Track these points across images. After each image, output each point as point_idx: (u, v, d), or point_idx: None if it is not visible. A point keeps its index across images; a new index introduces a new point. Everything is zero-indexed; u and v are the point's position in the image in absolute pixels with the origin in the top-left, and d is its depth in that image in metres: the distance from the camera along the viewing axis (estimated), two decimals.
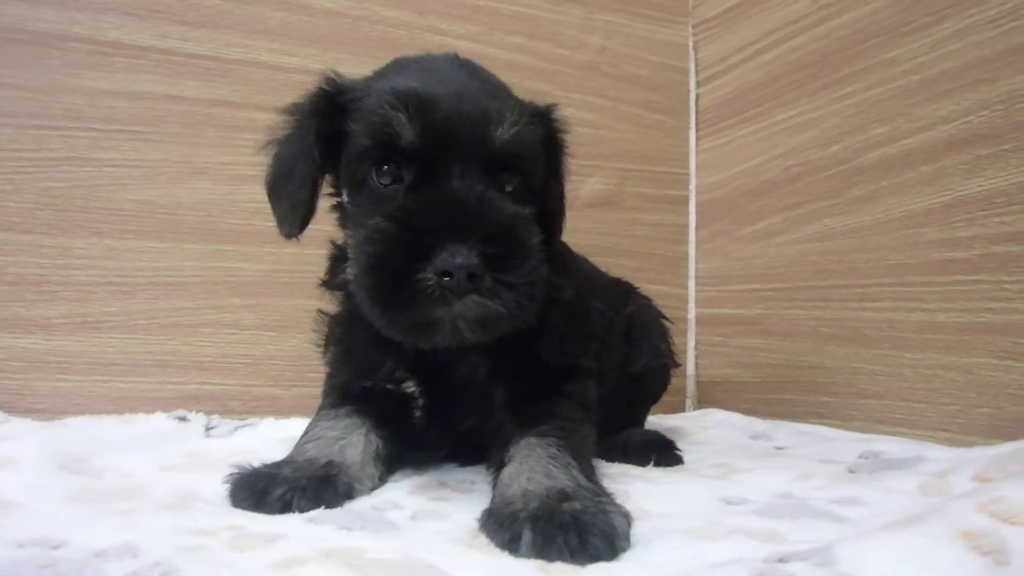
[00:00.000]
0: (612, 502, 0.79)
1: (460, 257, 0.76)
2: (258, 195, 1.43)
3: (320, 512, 0.84)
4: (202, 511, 0.84)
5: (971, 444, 1.08)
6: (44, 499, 0.83)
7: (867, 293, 1.32)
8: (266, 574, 0.63)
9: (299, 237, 0.98)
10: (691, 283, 1.91)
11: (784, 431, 1.44)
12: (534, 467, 0.85)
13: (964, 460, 0.98)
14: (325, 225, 1.42)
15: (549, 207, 1.01)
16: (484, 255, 0.78)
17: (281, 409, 1.44)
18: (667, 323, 1.37)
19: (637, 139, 1.86)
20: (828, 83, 1.43)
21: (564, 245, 1.15)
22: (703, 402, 1.82)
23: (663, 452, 1.21)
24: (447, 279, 0.77)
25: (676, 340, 1.76)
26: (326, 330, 1.13)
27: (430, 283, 0.78)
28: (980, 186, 1.11)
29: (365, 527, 0.79)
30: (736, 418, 1.59)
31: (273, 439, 1.22)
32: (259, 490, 0.86)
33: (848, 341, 1.37)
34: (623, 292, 1.35)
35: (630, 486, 0.98)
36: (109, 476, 0.98)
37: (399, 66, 0.97)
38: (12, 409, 1.27)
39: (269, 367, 1.45)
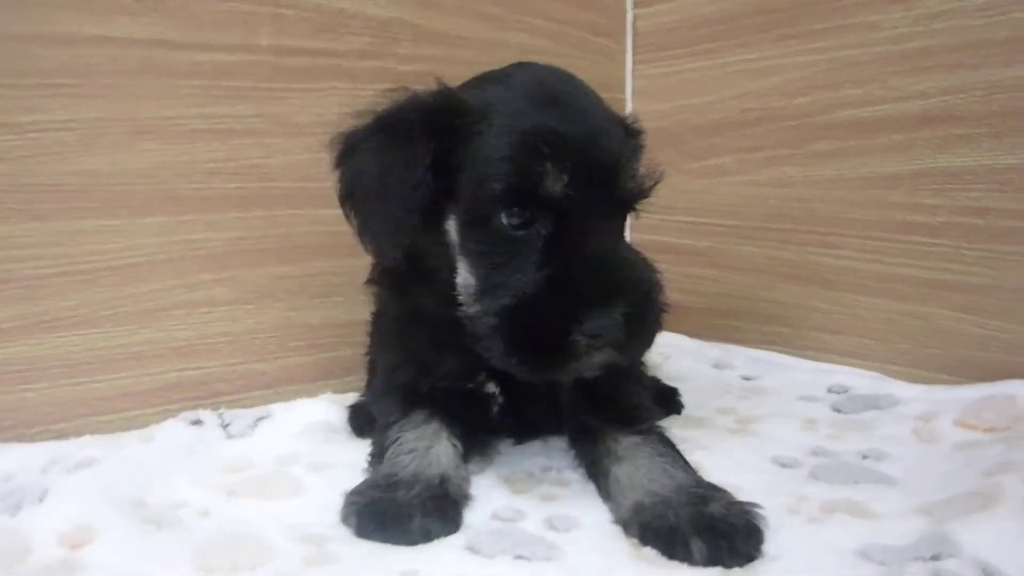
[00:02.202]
0: (737, 500, 0.94)
1: (609, 322, 0.88)
2: (215, 153, 1.39)
3: (468, 537, 0.92)
4: (351, 556, 0.88)
5: (923, 380, 1.37)
6: (179, 572, 0.84)
7: (827, 240, 1.55)
8: None
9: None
10: None
11: (740, 357, 1.67)
12: (652, 468, 0.99)
13: (935, 402, 1.26)
14: (289, 183, 1.40)
15: None
16: (627, 316, 0.89)
17: (268, 384, 1.45)
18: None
19: (583, 65, 1.88)
20: (796, 34, 1.57)
21: None
22: None
23: (670, 401, 1.40)
24: (592, 340, 0.89)
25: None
26: (377, 330, 1.17)
27: (578, 343, 0.88)
28: (950, 162, 1.33)
29: (534, 554, 0.87)
30: (684, 341, 1.79)
31: (300, 430, 1.26)
32: (392, 520, 0.92)
33: (805, 281, 1.60)
34: None
35: (692, 455, 1.08)
36: (187, 517, 0.97)
37: (511, 82, 0.99)
38: None
39: (251, 342, 1.43)
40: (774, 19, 1.61)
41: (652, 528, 0.91)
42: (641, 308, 0.91)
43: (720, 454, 1.17)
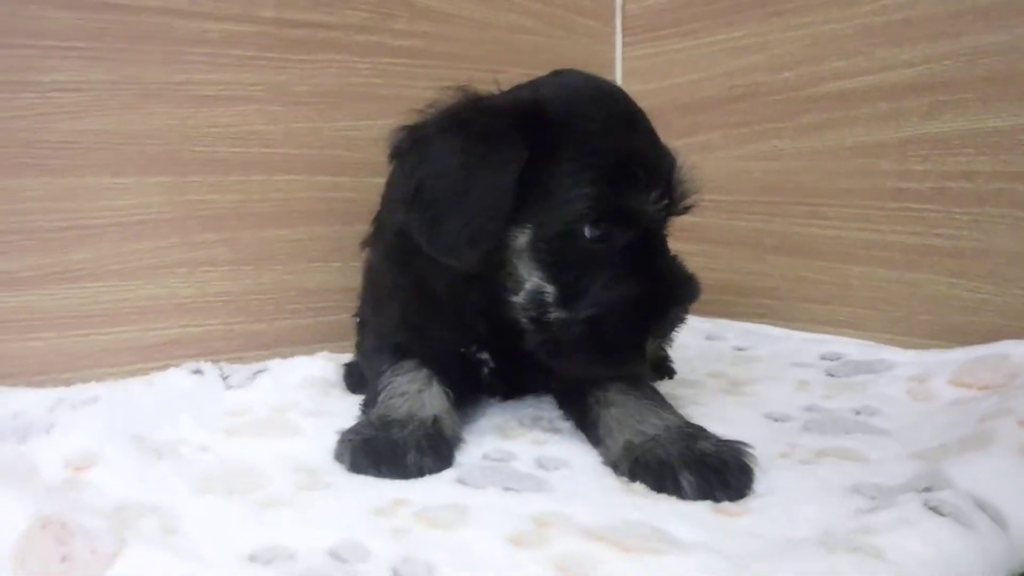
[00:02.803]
0: (727, 438, 0.90)
1: (674, 323, 0.97)
2: (219, 118, 1.36)
3: (460, 472, 0.89)
4: (343, 486, 0.85)
5: (916, 346, 1.30)
6: (179, 495, 0.81)
7: (815, 211, 1.51)
8: (524, 555, 0.68)
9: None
10: None
11: (732, 330, 1.63)
12: (641, 409, 0.95)
13: (928, 364, 1.20)
14: (289, 149, 1.38)
15: None
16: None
17: (266, 344, 1.41)
18: None
19: (569, 46, 1.89)
20: (781, 11, 1.53)
21: None
22: None
23: (661, 366, 1.35)
24: (656, 340, 0.95)
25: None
26: (372, 294, 1.13)
27: (648, 344, 0.94)
28: (938, 128, 1.29)
29: (523, 486, 0.85)
30: None
31: (298, 383, 1.22)
32: (387, 456, 0.89)
33: (793, 252, 1.56)
34: None
35: (686, 409, 1.08)
36: (187, 452, 0.95)
37: (578, 94, 0.98)
38: None
39: (249, 302, 1.39)
40: None
41: (642, 463, 0.87)
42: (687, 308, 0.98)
43: (712, 409, 1.13)
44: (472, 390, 1.11)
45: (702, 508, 0.79)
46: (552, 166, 0.91)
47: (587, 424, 1.00)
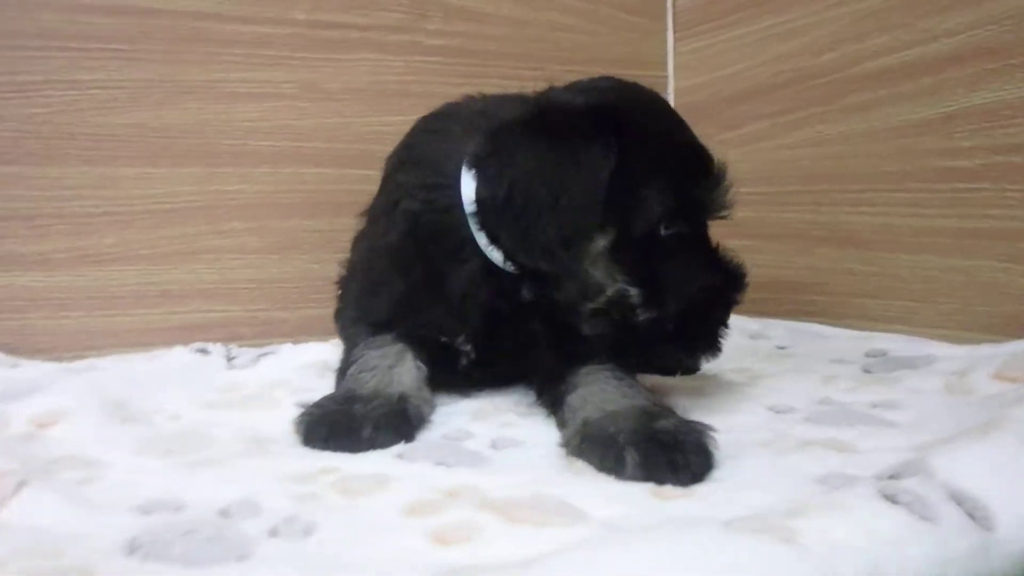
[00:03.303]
0: (691, 420, 0.80)
1: (728, 314, 0.98)
2: (251, 113, 1.37)
3: (404, 448, 0.82)
4: (284, 455, 0.81)
5: (971, 340, 1.13)
6: (120, 453, 0.79)
7: (862, 198, 1.35)
8: (409, 523, 0.61)
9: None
10: None
11: (778, 329, 1.48)
12: (605, 388, 0.86)
13: (976, 358, 1.03)
14: (318, 143, 1.37)
15: None
16: None
17: (288, 332, 1.40)
18: None
19: (615, 43, 1.80)
20: None
21: None
22: None
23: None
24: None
25: None
26: (363, 268, 1.09)
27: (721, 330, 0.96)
28: (984, 99, 1.12)
29: (460, 461, 0.78)
30: None
31: (299, 365, 1.19)
32: (343, 429, 0.83)
33: (841, 243, 1.40)
34: None
35: (675, 399, 1.00)
36: (159, 420, 0.94)
37: (635, 97, 0.96)
38: (16, 350, 1.19)
39: (274, 290, 1.39)
40: None
41: (589, 437, 0.78)
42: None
43: (711, 398, 1.01)
44: (447, 375, 1.03)
45: (638, 489, 0.69)
46: (626, 169, 0.86)
47: (556, 407, 0.91)
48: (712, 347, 0.95)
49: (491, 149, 0.88)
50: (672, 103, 1.88)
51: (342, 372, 0.98)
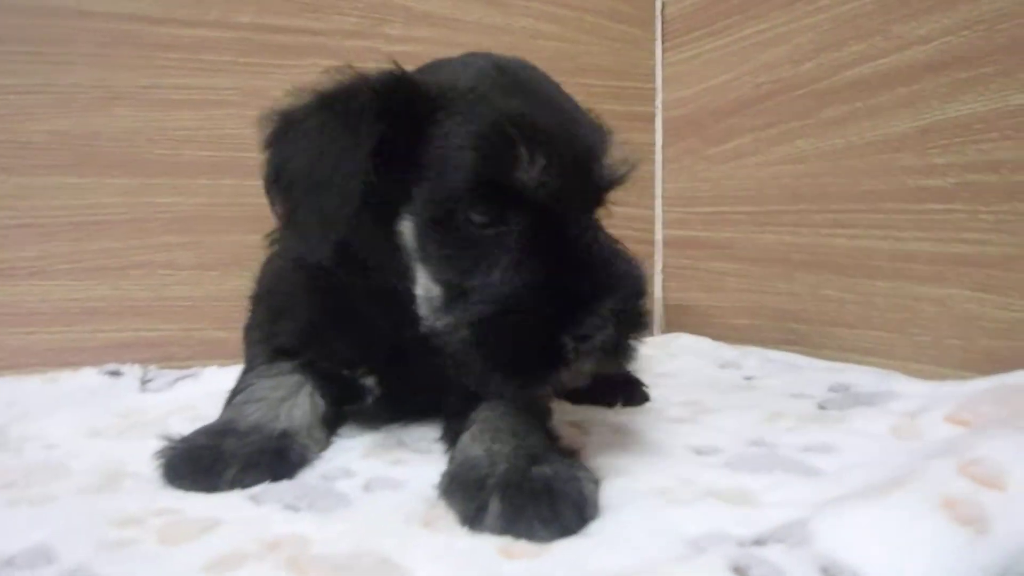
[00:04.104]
0: (581, 466, 0.74)
1: (599, 322, 0.71)
2: (187, 122, 1.34)
3: (264, 487, 0.77)
4: (131, 492, 0.77)
5: (943, 376, 1.06)
6: None
7: (839, 219, 1.27)
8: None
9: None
10: (658, 204, 1.84)
11: (753, 358, 1.41)
12: (499, 425, 0.80)
13: (935, 398, 0.96)
14: (251, 153, 1.32)
15: None
16: (618, 320, 0.72)
17: (227, 353, 1.35)
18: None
19: (601, 52, 1.75)
20: None
21: None
22: (671, 326, 1.78)
23: (629, 391, 1.17)
24: (583, 345, 0.71)
25: (644, 263, 1.70)
26: (270, 291, 1.04)
27: (568, 350, 0.71)
28: (958, 111, 1.05)
29: (313, 505, 0.72)
30: (704, 343, 1.56)
31: (217, 390, 1.13)
32: (204, 468, 0.78)
33: (819, 268, 1.33)
34: None
35: (596, 437, 0.94)
36: (30, 449, 0.91)
37: (471, 68, 0.83)
38: None
39: (211, 309, 1.36)
40: None
41: (459, 479, 0.72)
42: (632, 306, 0.75)
43: (631, 438, 0.95)
44: (352, 411, 0.99)
45: (486, 546, 0.63)
46: (429, 143, 0.77)
47: (453, 444, 0.85)
48: (533, 371, 0.73)
49: (274, 129, 0.82)
50: (660, 116, 1.82)
51: (230, 399, 0.93)
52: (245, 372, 0.96)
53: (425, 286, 0.80)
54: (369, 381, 0.94)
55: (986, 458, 0.65)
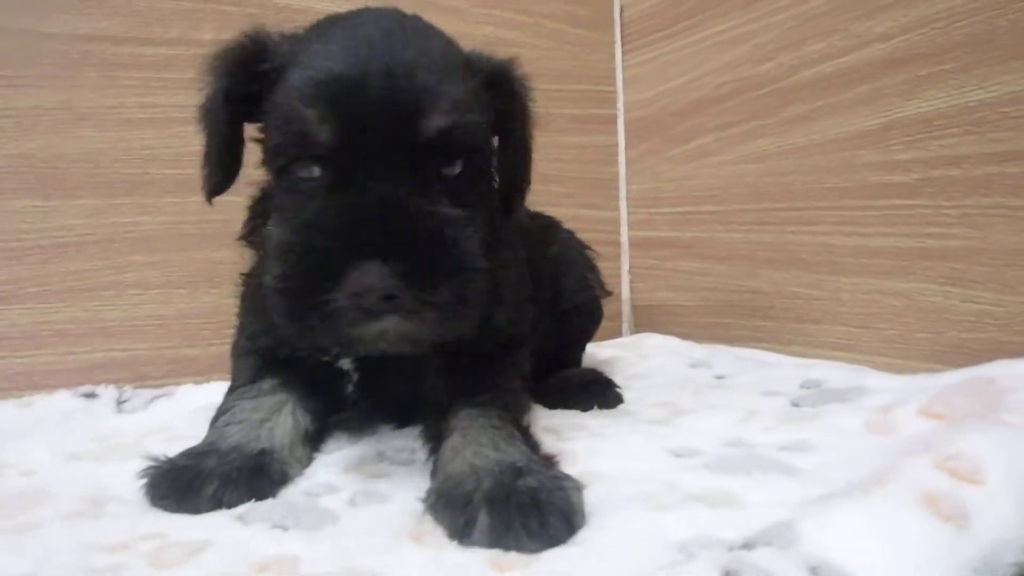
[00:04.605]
0: (566, 475, 0.75)
1: (372, 277, 0.67)
2: (151, 140, 1.33)
3: (250, 507, 0.77)
4: (116, 516, 0.76)
5: (912, 370, 1.09)
6: None
7: (803, 216, 1.30)
8: None
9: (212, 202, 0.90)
10: (622, 205, 1.86)
11: (723, 357, 1.43)
12: (480, 439, 0.80)
13: (907, 392, 0.98)
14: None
15: (509, 177, 0.94)
16: (405, 272, 0.68)
17: (199, 370, 1.35)
18: (592, 253, 1.32)
19: (560, 56, 1.77)
20: None
21: None
22: (640, 326, 1.80)
23: (603, 394, 1.18)
24: (362, 300, 0.68)
25: (610, 264, 1.73)
26: (243, 291, 1.04)
27: (343, 305, 0.69)
28: (918, 108, 1.08)
29: (299, 523, 0.72)
30: (673, 343, 1.59)
31: (192, 409, 1.14)
32: (184, 486, 0.78)
33: (785, 265, 1.35)
34: (546, 229, 1.29)
35: (575, 443, 0.95)
36: (9, 475, 0.89)
37: (326, 31, 0.83)
38: None
39: (182, 327, 1.35)
40: None
41: (445, 497, 0.72)
42: (429, 261, 0.71)
43: (609, 442, 0.96)
44: (338, 409, 0.99)
45: (476, 560, 0.64)
46: (271, 101, 0.80)
47: (433, 452, 0.86)
48: (316, 336, 0.73)
49: None
50: (622, 118, 1.84)
51: (213, 421, 0.93)
52: (229, 392, 0.96)
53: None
54: (346, 364, 0.94)
55: (963, 453, 0.67)
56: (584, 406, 1.14)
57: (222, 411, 0.93)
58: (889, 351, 1.16)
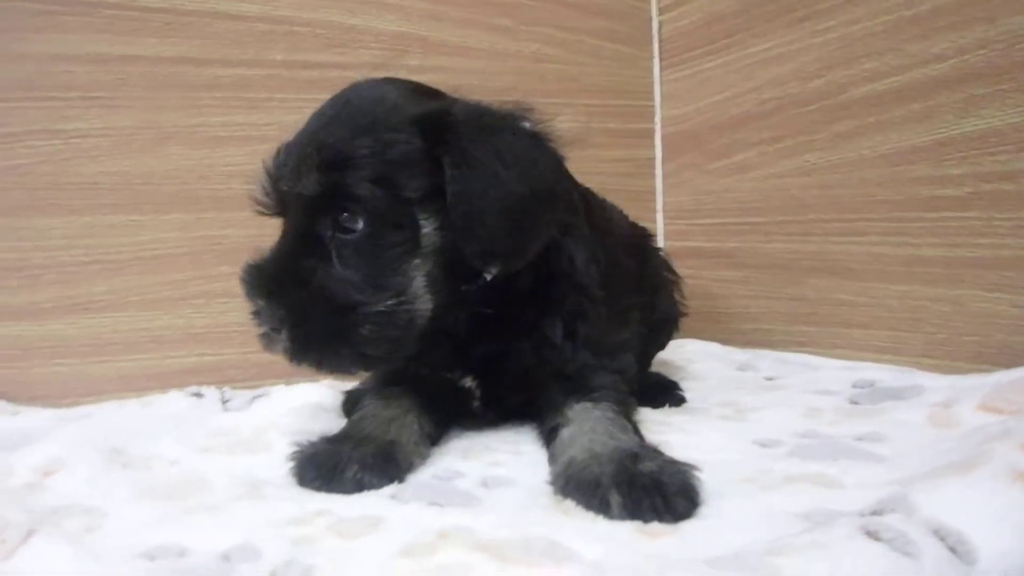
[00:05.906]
0: (679, 460, 0.86)
1: (257, 311, 0.97)
2: (233, 158, 1.45)
3: (397, 488, 0.88)
4: (278, 497, 0.87)
5: (960, 370, 1.19)
6: (118, 500, 0.85)
7: (851, 228, 1.42)
8: (405, 565, 0.67)
9: None
10: (659, 216, 1.99)
11: (767, 360, 1.55)
12: (595, 428, 0.92)
13: (962, 389, 1.09)
14: None
15: (457, 230, 0.93)
16: (286, 312, 0.94)
17: (279, 373, 1.44)
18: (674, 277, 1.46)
19: (600, 72, 1.89)
20: (808, 15, 1.48)
21: (599, 208, 1.25)
22: (679, 332, 1.92)
23: (670, 393, 1.31)
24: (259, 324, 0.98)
25: None
26: None
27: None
28: (974, 125, 1.19)
29: (450, 501, 0.83)
30: (715, 347, 1.70)
31: (293, 407, 1.24)
32: (329, 469, 0.90)
33: (830, 273, 1.47)
34: (644, 240, 1.43)
35: (667, 435, 1.05)
36: (157, 466, 0.99)
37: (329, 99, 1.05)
38: (16, 398, 1.27)
39: None
40: (785, 4, 1.53)
41: (574, 480, 0.84)
42: (304, 303, 0.94)
43: (696, 436, 1.06)
44: (458, 417, 1.12)
45: (626, 528, 0.75)
46: None
47: (548, 441, 0.98)
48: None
49: None
50: (659, 132, 1.97)
51: (348, 416, 1.07)
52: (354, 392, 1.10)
53: None
54: (468, 382, 1.08)
55: None
56: (655, 404, 1.26)
57: (357, 410, 1.05)
58: (936, 352, 1.28)
